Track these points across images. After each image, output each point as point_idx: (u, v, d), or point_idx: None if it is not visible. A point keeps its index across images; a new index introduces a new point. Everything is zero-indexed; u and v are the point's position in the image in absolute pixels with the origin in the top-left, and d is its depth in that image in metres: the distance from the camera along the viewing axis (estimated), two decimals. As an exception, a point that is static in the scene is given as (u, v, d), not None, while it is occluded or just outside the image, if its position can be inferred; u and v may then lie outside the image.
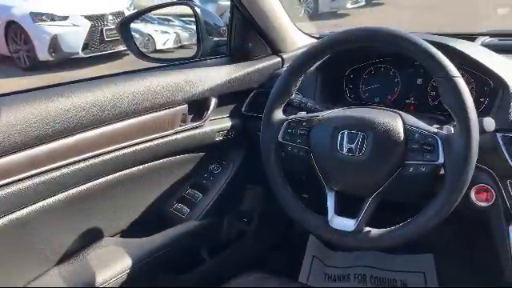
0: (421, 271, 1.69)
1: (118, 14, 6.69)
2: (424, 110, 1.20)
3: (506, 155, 0.97)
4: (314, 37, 1.57)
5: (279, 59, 1.44)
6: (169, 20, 7.77)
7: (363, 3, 8.84)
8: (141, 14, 1.62)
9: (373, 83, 1.31)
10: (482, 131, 0.92)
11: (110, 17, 6.64)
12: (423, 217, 0.88)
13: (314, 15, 7.98)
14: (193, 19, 1.40)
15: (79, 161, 1.02)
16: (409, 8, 6.54)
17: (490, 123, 0.93)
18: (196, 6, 1.42)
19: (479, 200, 1.03)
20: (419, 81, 1.23)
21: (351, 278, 1.72)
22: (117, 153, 1.09)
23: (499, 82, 1.04)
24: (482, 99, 1.12)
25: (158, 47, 7.18)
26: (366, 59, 1.31)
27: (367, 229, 0.93)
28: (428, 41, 0.92)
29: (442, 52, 0.90)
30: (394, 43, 0.93)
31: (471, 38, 1.35)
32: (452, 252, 1.65)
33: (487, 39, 1.34)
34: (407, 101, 1.25)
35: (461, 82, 0.87)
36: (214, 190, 1.35)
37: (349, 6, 8.67)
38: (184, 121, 1.23)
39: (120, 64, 6.46)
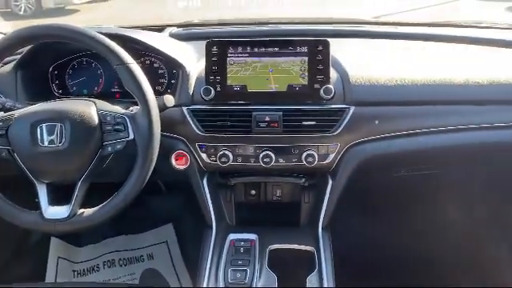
0: (163, 241, 1.87)
1: None
2: (128, 96, 1.33)
3: (192, 124, 1.18)
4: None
5: None
6: None
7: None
8: None
9: (79, 77, 1.36)
10: (164, 107, 1.10)
11: None
12: (127, 186, 1.01)
13: (38, 12, 7.35)
14: None
15: None
16: (135, 2, 6.74)
17: (169, 100, 1.12)
18: None
19: (179, 164, 1.22)
20: None
21: (100, 267, 1.77)
22: None
23: (178, 65, 1.24)
24: (173, 81, 1.31)
25: None
26: (68, 54, 1.34)
27: (81, 211, 1.00)
28: (106, 33, 1.03)
29: (120, 43, 1.02)
30: (74, 39, 1.01)
31: (161, 29, 1.55)
32: (187, 215, 1.89)
33: (174, 29, 1.56)
34: (113, 90, 1.35)
35: (135, 68, 1.01)
36: None
37: (76, 1, 8.30)
38: None
39: None
